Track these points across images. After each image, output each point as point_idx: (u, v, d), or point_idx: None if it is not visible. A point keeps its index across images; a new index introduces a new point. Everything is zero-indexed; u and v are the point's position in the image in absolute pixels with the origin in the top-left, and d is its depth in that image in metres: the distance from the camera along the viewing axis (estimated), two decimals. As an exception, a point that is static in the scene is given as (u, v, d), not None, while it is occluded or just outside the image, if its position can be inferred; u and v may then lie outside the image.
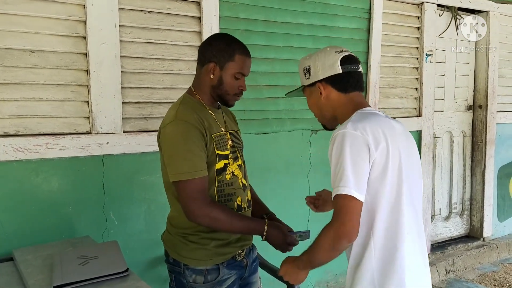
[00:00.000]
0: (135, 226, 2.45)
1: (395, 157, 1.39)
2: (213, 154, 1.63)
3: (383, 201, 1.39)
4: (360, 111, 1.49)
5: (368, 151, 1.36)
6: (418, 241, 1.46)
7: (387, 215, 1.40)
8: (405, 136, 1.50)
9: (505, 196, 4.67)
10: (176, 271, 1.69)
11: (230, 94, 1.69)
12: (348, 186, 1.32)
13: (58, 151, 2.20)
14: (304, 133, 3.18)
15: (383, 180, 1.38)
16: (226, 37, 1.72)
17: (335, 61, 1.51)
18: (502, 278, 3.98)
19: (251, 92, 2.91)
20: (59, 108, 2.23)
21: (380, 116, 1.48)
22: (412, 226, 1.43)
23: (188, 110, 1.62)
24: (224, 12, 2.72)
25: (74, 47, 2.25)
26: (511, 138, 4.63)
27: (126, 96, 2.40)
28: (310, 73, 1.56)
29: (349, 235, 1.34)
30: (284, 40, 3.01)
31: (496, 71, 4.33)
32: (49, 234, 2.19)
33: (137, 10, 2.41)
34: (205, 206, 1.56)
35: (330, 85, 1.53)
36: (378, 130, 1.39)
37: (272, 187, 3.05)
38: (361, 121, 1.41)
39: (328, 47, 1.58)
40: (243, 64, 1.68)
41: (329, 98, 1.54)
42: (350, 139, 1.36)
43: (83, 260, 1.64)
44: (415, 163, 1.50)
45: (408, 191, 1.42)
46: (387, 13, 3.51)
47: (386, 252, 1.40)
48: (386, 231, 1.40)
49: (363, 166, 1.35)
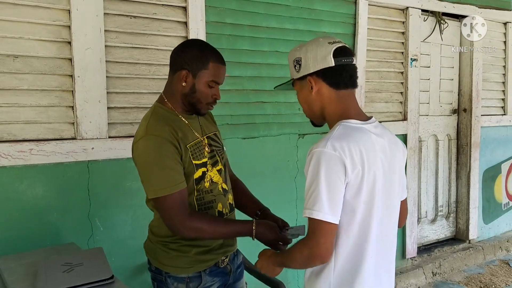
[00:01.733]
0: (121, 232, 2.43)
1: (369, 181, 1.35)
2: (190, 165, 1.59)
3: (353, 221, 1.35)
4: (346, 123, 1.40)
5: (344, 172, 1.30)
6: (378, 265, 1.41)
7: (355, 235, 1.36)
8: (387, 153, 1.42)
9: (490, 198, 4.72)
10: (158, 279, 1.68)
11: (203, 102, 1.64)
12: (322, 211, 1.29)
13: (43, 157, 2.17)
14: (291, 137, 3.19)
15: (356, 202, 1.34)
16: (200, 44, 1.67)
17: (327, 53, 1.40)
18: (488, 280, 4.02)
19: (238, 97, 2.92)
20: (43, 114, 2.21)
21: (363, 133, 1.39)
22: (376, 250, 1.39)
23: (159, 122, 1.57)
24: (210, 17, 2.73)
25: (59, 52, 2.23)
26: (495, 141, 4.70)
27: (111, 101, 2.39)
28: (300, 66, 1.45)
29: (323, 257, 1.34)
30: (270, 45, 3.03)
31: (480, 75, 4.39)
32: (34, 241, 2.16)
33: (122, 15, 2.40)
34: (187, 219, 1.54)
35: (321, 79, 1.42)
36: (357, 152, 1.32)
37: (259, 192, 3.03)
38: (342, 139, 1.33)
39: (320, 37, 1.47)
40: (217, 72, 1.62)
41: (320, 93, 1.44)
42: (327, 160, 1.30)
43: (68, 267, 1.61)
44: (395, 181, 1.45)
45: (380, 213, 1.39)
46: (372, 18, 3.54)
47: (346, 272, 1.37)
48: (350, 253, 1.37)
49: (339, 188, 1.31)
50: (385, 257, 1.45)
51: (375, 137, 1.41)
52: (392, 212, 1.46)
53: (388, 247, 1.46)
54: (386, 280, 1.47)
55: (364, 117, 1.47)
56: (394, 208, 1.47)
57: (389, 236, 1.46)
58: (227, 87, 2.86)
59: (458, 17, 4.32)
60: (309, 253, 1.34)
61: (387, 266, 1.46)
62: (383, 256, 1.44)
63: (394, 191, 1.46)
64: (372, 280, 1.40)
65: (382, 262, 1.43)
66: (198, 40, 1.74)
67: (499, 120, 4.67)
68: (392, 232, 1.48)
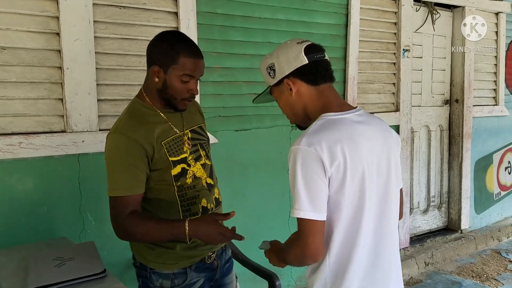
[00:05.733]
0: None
1: (355, 171, 1.31)
2: (166, 161, 1.56)
3: (341, 216, 1.33)
4: (325, 117, 1.37)
5: (322, 167, 1.27)
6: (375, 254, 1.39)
7: (345, 229, 1.34)
8: (375, 141, 1.39)
9: (481, 188, 4.76)
10: (143, 275, 1.66)
11: (177, 98, 1.57)
12: (303, 210, 1.27)
13: (32, 151, 2.14)
14: (284, 129, 3.17)
15: (341, 196, 1.31)
16: (171, 37, 1.58)
17: (299, 52, 1.40)
18: (480, 269, 4.06)
19: (230, 89, 2.90)
20: (32, 107, 2.18)
21: (342, 124, 1.36)
22: (368, 239, 1.37)
23: (132, 120, 1.54)
24: (202, 7, 2.69)
25: (47, 44, 2.20)
26: (487, 132, 4.72)
27: (101, 94, 2.36)
28: (274, 71, 1.44)
29: (314, 256, 1.33)
30: (262, 35, 3.00)
31: (472, 66, 4.40)
32: (24, 235, 2.14)
33: (111, 6, 2.36)
34: (123, 220, 1.50)
35: (298, 79, 1.41)
36: (336, 144, 1.29)
37: (252, 184, 3.04)
38: (318, 133, 1.31)
39: (288, 40, 1.47)
40: (190, 67, 1.53)
41: (300, 93, 1.42)
42: (302, 156, 1.28)
43: (59, 261, 1.60)
44: (388, 165, 1.42)
45: (374, 201, 1.36)
46: (365, 8, 3.52)
47: (339, 263, 1.36)
48: (342, 244, 1.35)
49: (319, 184, 1.28)
50: (387, 248, 1.42)
51: (357, 125, 1.37)
52: (390, 202, 1.43)
53: (388, 238, 1.43)
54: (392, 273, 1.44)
55: (348, 107, 1.44)
56: (392, 197, 1.43)
57: (388, 227, 1.42)
58: (219, 79, 2.84)
59: (450, 7, 4.32)
60: (300, 253, 1.33)
61: (389, 258, 1.44)
62: (384, 247, 1.41)
63: (390, 179, 1.42)
64: (366, 273, 1.38)
65: (382, 254, 1.41)
66: (172, 33, 1.68)
67: (491, 110, 4.69)
68: (393, 222, 1.44)
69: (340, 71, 3.40)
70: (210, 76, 2.74)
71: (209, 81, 2.75)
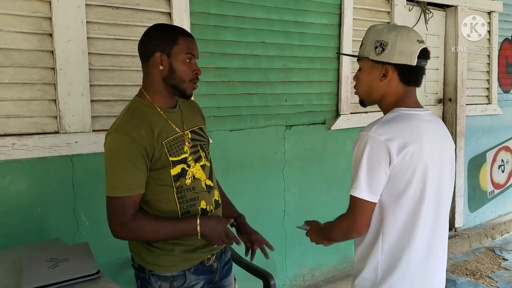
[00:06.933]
0: (107, 227, 2.35)
1: (419, 165, 1.40)
2: (166, 161, 1.55)
3: (403, 205, 1.41)
4: (398, 110, 1.46)
5: (388, 157, 1.37)
6: (431, 243, 1.47)
7: (403, 219, 1.42)
8: (438, 141, 1.48)
9: (475, 187, 4.78)
10: (142, 277, 1.65)
11: (186, 81, 1.57)
12: (359, 189, 1.39)
13: (26, 152, 2.13)
14: (278, 128, 3.18)
15: (402, 186, 1.40)
16: (160, 26, 1.64)
17: (414, 52, 1.43)
18: (474, 267, 4.08)
19: (224, 89, 2.90)
20: (25, 108, 2.17)
21: (414, 119, 1.45)
22: (427, 230, 1.45)
23: (133, 119, 1.53)
24: (195, 7, 2.69)
25: (40, 45, 2.19)
26: (480, 130, 4.75)
27: (95, 94, 2.35)
28: (383, 50, 1.44)
29: (359, 231, 1.46)
30: (256, 35, 3.00)
31: (465, 65, 4.43)
32: (18, 237, 2.13)
33: (104, 6, 2.36)
34: (125, 220, 1.50)
35: (397, 73, 1.46)
36: (405, 137, 1.38)
37: (247, 183, 3.05)
38: (390, 124, 1.41)
39: (410, 30, 1.47)
40: (190, 45, 1.57)
41: (389, 84, 1.47)
42: (371, 143, 1.38)
43: (53, 263, 1.59)
44: (446, 166, 1.50)
45: (433, 195, 1.45)
46: (358, 8, 3.53)
47: (392, 253, 1.45)
48: (399, 233, 1.43)
49: (379, 171, 1.38)
50: (441, 242, 1.51)
51: (427, 123, 1.46)
52: (444, 200, 1.51)
53: (444, 231, 1.52)
54: (440, 267, 1.53)
55: (419, 106, 1.53)
56: (446, 196, 1.52)
57: (443, 222, 1.51)
58: (213, 79, 2.84)
59: (443, 6, 4.34)
60: (346, 227, 1.47)
61: (441, 251, 1.52)
62: (439, 240, 1.50)
63: (447, 179, 1.51)
64: (420, 262, 1.46)
65: (436, 246, 1.49)
66: (159, 23, 1.70)
67: (484, 109, 4.72)
68: (446, 219, 1.54)
69: (333, 71, 3.40)
70: (204, 76, 2.72)
71: (203, 81, 2.75)
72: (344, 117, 3.48)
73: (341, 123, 3.44)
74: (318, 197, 3.42)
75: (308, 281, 3.44)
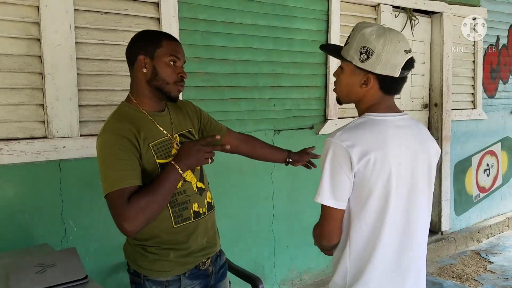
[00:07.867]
0: (95, 232, 2.40)
1: (382, 171, 1.36)
2: (153, 164, 1.53)
3: (367, 213, 1.39)
4: (368, 115, 1.43)
5: (350, 163, 1.34)
6: (400, 254, 1.43)
7: (368, 225, 1.40)
8: (412, 146, 1.43)
9: (461, 191, 4.84)
10: (137, 282, 1.64)
11: (170, 83, 1.57)
12: (322, 195, 1.39)
13: (13, 157, 2.13)
14: (266, 133, 3.20)
15: (365, 192, 1.38)
16: (147, 32, 1.65)
17: (399, 63, 1.38)
18: (460, 270, 4.12)
19: (213, 93, 2.91)
20: (13, 112, 2.16)
21: (382, 125, 1.40)
22: (394, 239, 1.41)
23: (119, 120, 1.53)
24: (184, 13, 2.71)
25: (28, 50, 2.19)
26: (465, 135, 4.81)
27: (83, 99, 2.35)
28: (368, 58, 1.38)
29: (328, 238, 1.46)
30: (244, 41, 3.03)
31: (451, 70, 4.49)
32: (5, 243, 2.12)
33: (93, 11, 2.36)
34: (125, 208, 1.41)
35: (378, 82, 1.42)
36: (367, 144, 1.35)
37: (236, 188, 3.06)
38: (355, 130, 1.38)
39: (399, 38, 1.39)
40: (173, 48, 1.58)
41: (368, 91, 1.44)
42: (333, 149, 1.37)
43: (40, 268, 1.59)
44: (421, 172, 1.45)
45: (401, 203, 1.41)
46: (345, 15, 3.57)
47: (360, 257, 1.43)
48: (364, 239, 1.41)
49: (342, 177, 1.36)
50: (411, 252, 1.46)
51: (396, 129, 1.41)
52: (420, 209, 1.47)
53: (415, 242, 1.46)
54: (410, 276, 1.47)
55: (394, 110, 1.48)
56: (421, 204, 1.48)
57: (415, 232, 1.46)
58: (202, 84, 2.85)
59: (428, 13, 4.40)
60: (317, 234, 1.49)
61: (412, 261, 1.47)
62: (409, 250, 1.45)
63: (423, 185, 1.47)
64: (387, 271, 1.42)
65: (405, 256, 1.44)
66: (146, 29, 1.70)
67: (469, 114, 4.78)
68: (420, 228, 1.48)
69: (321, 76, 3.44)
70: (192, 81, 2.76)
71: (191, 86, 2.77)
72: (332, 122, 3.51)
73: (329, 128, 3.47)
74: (307, 201, 3.44)
75: (296, 285, 3.45)
